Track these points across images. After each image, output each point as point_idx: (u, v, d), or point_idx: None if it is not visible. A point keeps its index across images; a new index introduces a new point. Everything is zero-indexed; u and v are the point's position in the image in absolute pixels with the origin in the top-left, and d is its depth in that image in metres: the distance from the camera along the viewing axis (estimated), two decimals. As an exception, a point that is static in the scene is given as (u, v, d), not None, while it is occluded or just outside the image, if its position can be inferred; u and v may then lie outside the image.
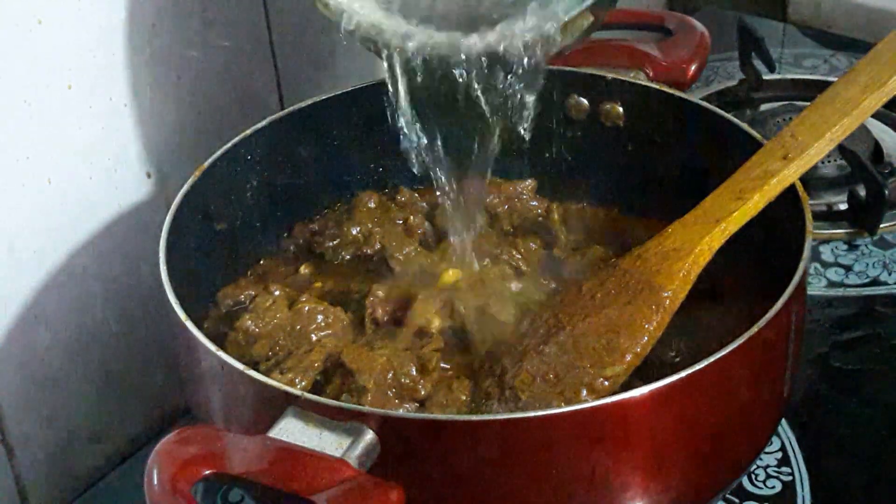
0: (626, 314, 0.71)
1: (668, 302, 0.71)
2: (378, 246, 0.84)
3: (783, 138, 0.76)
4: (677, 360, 0.73)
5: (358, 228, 0.86)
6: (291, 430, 0.60)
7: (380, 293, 0.77)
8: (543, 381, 0.69)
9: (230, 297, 0.80)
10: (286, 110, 0.87)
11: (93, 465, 0.88)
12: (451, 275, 0.78)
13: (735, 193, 0.74)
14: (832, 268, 1.00)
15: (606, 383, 0.68)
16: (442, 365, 0.73)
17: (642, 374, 0.70)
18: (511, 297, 0.78)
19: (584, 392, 0.68)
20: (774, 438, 0.83)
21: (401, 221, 0.86)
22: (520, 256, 0.82)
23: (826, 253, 1.01)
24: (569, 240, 0.84)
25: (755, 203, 0.74)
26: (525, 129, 0.73)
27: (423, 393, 0.70)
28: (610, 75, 0.89)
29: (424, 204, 0.88)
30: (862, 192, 1.01)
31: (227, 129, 0.85)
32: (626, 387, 0.68)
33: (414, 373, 0.71)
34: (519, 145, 0.75)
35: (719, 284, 0.77)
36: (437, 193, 0.78)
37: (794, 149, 0.75)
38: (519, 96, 0.71)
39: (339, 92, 0.88)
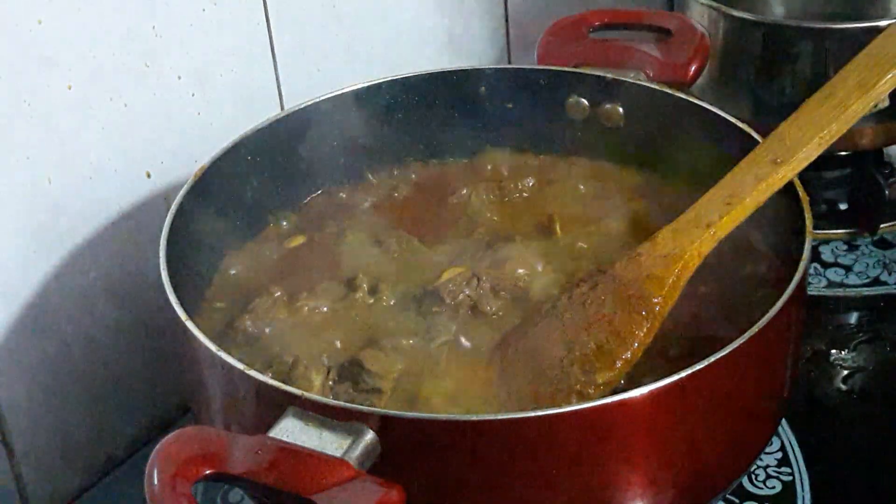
0: (616, 320, 0.71)
1: (658, 308, 0.71)
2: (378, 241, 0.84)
3: (772, 142, 0.76)
4: (677, 357, 0.73)
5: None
6: (291, 430, 0.60)
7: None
8: (535, 386, 0.69)
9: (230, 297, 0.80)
10: (286, 110, 0.87)
11: (93, 465, 0.88)
12: (450, 273, 0.78)
13: (724, 198, 0.74)
14: (832, 268, 1.00)
15: (597, 390, 0.68)
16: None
17: (642, 372, 0.70)
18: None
19: (575, 399, 0.68)
20: (774, 438, 0.83)
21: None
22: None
23: (826, 253, 1.01)
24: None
25: (745, 207, 0.74)
26: None
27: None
28: (610, 75, 0.89)
29: (424, 202, 0.89)
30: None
31: (227, 129, 0.85)
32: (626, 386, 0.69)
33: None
34: None
35: (719, 284, 0.77)
36: None
37: (784, 153, 0.75)
38: None
39: (339, 92, 0.88)
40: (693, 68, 0.92)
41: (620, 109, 0.89)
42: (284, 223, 0.87)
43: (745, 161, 0.76)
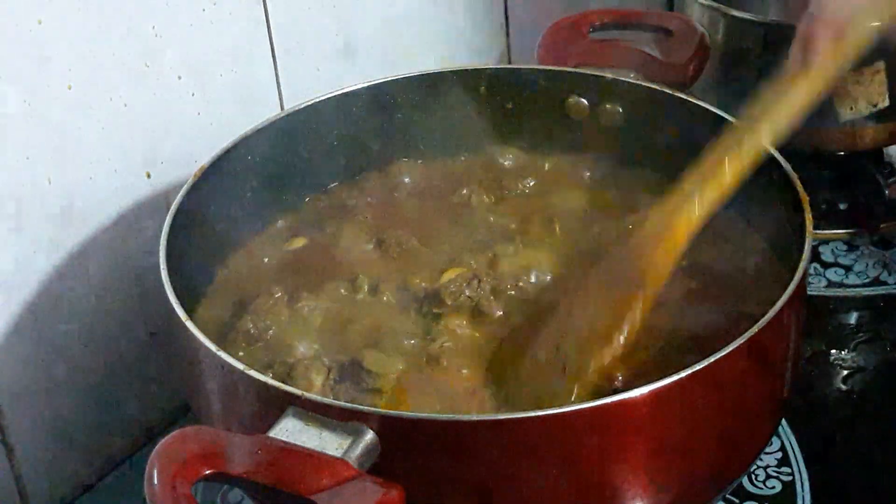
0: (609, 301, 0.71)
1: (650, 286, 0.71)
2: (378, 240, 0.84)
3: (749, 113, 0.76)
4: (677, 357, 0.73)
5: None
6: (291, 430, 0.60)
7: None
8: (535, 385, 0.69)
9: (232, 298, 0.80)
10: (286, 110, 0.87)
11: (93, 465, 0.88)
12: (451, 273, 0.78)
13: (708, 171, 0.74)
14: (832, 268, 1.00)
15: (591, 376, 0.68)
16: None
17: (642, 372, 0.70)
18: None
19: (572, 386, 0.68)
20: (774, 438, 0.83)
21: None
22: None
23: (826, 253, 1.01)
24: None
25: (729, 175, 0.73)
26: None
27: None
28: (610, 75, 0.89)
29: (423, 202, 0.89)
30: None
31: (227, 129, 0.85)
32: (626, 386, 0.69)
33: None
34: None
35: (719, 284, 0.77)
36: None
37: (761, 115, 0.74)
38: None
39: (339, 92, 0.88)
40: (693, 68, 0.92)
41: (620, 109, 0.89)
42: (284, 223, 0.87)
43: (721, 140, 0.75)
